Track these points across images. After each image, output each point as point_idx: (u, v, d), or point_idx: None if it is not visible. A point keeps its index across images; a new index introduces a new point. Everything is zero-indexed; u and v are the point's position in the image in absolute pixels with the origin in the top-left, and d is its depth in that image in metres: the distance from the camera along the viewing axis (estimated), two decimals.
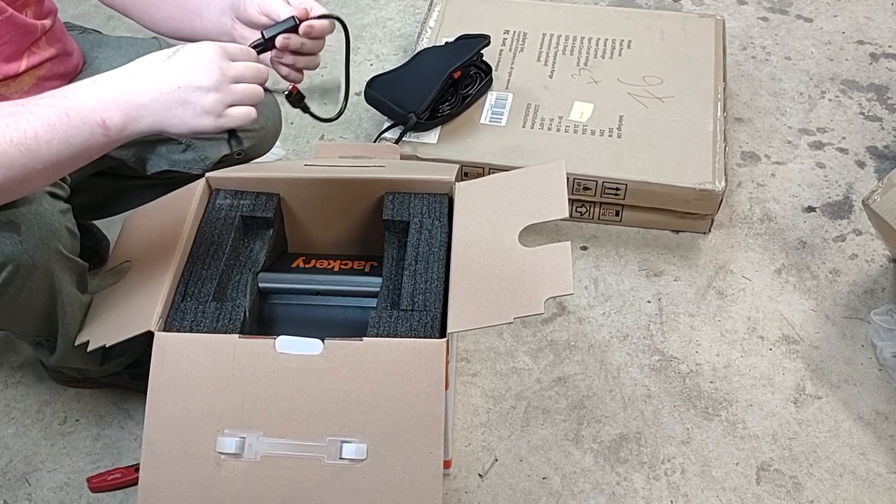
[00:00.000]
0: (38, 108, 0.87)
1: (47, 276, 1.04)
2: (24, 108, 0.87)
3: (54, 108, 0.87)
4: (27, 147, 0.86)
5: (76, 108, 0.88)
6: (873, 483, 1.25)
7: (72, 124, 0.87)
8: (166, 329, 1.02)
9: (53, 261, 1.03)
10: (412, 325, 1.01)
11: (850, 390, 1.35)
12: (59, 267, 1.04)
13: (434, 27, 1.82)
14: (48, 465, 1.27)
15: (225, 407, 0.96)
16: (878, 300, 1.47)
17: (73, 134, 0.88)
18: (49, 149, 0.87)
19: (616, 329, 1.44)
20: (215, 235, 1.13)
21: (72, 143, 0.88)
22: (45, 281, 1.04)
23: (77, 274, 1.10)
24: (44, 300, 1.07)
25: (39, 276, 1.03)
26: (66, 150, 0.88)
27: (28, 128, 0.86)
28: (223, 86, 0.91)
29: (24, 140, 0.85)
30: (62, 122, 0.87)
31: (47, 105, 0.88)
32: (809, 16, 2.06)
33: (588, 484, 1.24)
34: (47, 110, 0.87)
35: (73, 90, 0.89)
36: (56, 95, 0.89)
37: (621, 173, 1.52)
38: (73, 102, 0.88)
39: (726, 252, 1.56)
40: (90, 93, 0.89)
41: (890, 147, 1.74)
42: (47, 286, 1.05)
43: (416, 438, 0.95)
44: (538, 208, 1.07)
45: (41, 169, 0.88)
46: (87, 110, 0.88)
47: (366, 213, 1.21)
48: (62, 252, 1.04)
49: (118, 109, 0.89)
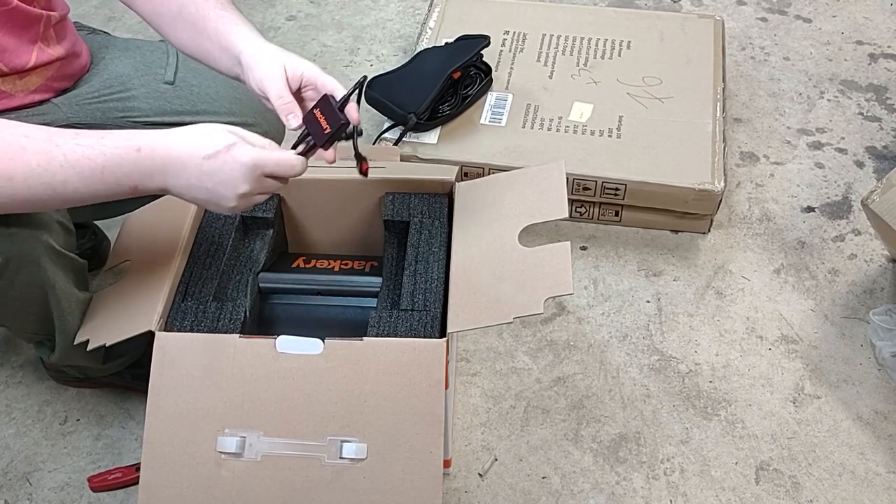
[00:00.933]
0: (73, 155, 0.88)
1: (38, 270, 1.04)
2: (59, 149, 0.88)
3: (90, 163, 0.89)
4: (54, 189, 0.88)
5: (112, 170, 0.90)
6: (872, 482, 1.25)
7: (105, 182, 0.90)
8: (167, 329, 1.02)
9: (44, 254, 1.03)
10: (412, 324, 1.01)
11: (849, 390, 1.36)
12: (49, 261, 1.05)
13: (434, 28, 1.82)
14: (49, 464, 1.28)
15: (225, 407, 0.96)
16: (877, 300, 1.47)
17: (102, 189, 0.91)
18: (74, 195, 0.90)
19: (615, 329, 1.44)
20: (216, 235, 1.13)
21: (98, 195, 0.91)
22: (36, 275, 1.04)
23: (73, 270, 1.10)
24: (37, 295, 1.07)
25: (31, 270, 1.03)
26: (90, 198, 0.91)
27: (59, 173, 0.88)
28: (248, 199, 0.95)
29: (54, 183, 0.88)
30: (95, 178, 0.89)
31: (83, 156, 0.89)
32: (808, 16, 2.06)
33: (587, 483, 1.25)
34: (83, 161, 0.88)
35: (113, 149, 0.90)
36: (94, 147, 0.89)
37: (621, 173, 1.53)
38: (110, 163, 0.89)
39: (725, 252, 1.56)
40: (131, 160, 0.90)
41: (889, 147, 1.74)
42: (39, 280, 1.05)
43: (416, 438, 0.96)
44: (538, 208, 1.07)
45: (59, 204, 0.92)
46: (124, 175, 0.90)
47: (366, 213, 1.21)
48: (53, 246, 1.04)
49: (152, 183, 0.92)
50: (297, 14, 2.07)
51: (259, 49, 1.03)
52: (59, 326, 1.12)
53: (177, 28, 1.10)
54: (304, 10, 2.09)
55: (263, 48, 1.04)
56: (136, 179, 0.91)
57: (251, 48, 1.04)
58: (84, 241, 1.48)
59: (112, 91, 1.23)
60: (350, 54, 1.97)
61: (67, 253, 1.08)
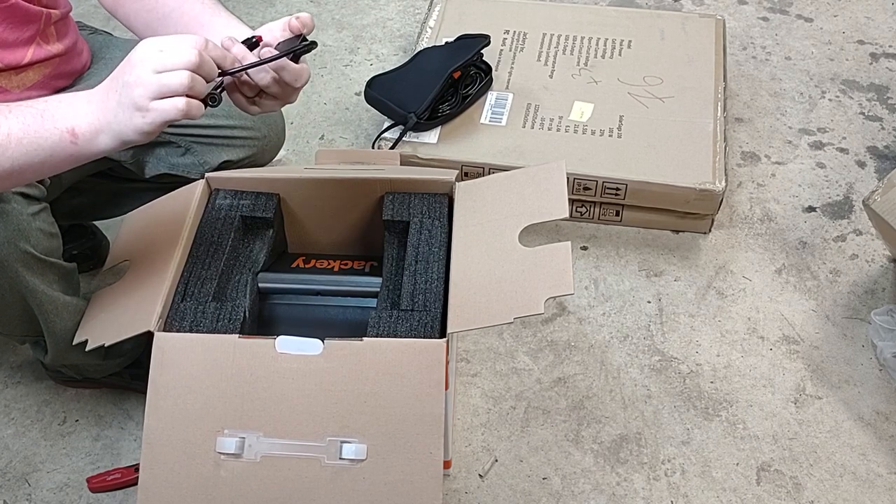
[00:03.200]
0: (18, 109, 0.90)
1: (15, 276, 1.04)
2: (6, 107, 0.90)
3: (32, 109, 0.90)
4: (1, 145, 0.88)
5: (51, 112, 0.90)
6: (874, 483, 1.24)
7: (44, 126, 0.89)
8: (166, 329, 1.02)
9: (19, 261, 1.03)
10: (412, 325, 1.01)
11: (850, 390, 1.35)
12: (25, 267, 1.04)
13: (434, 27, 1.82)
14: (48, 465, 1.27)
15: (225, 407, 0.96)
16: (879, 300, 1.47)
17: (43, 136, 0.89)
18: (18, 147, 0.89)
19: (616, 329, 1.44)
20: (215, 235, 1.13)
21: (41, 146, 0.89)
22: (13, 281, 1.04)
23: (58, 275, 1.09)
24: (16, 300, 1.07)
25: (8, 276, 1.03)
26: (33, 152, 0.89)
27: (3, 123, 0.89)
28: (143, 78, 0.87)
29: None
30: (35, 123, 0.89)
31: (27, 105, 0.90)
32: (810, 16, 2.06)
33: (588, 484, 1.24)
34: (25, 110, 0.90)
35: (56, 98, 0.91)
36: (38, 100, 0.91)
37: (621, 173, 1.52)
38: (50, 107, 0.90)
39: (726, 252, 1.55)
40: (68, 101, 0.91)
41: (890, 147, 1.74)
42: (16, 286, 1.05)
43: (416, 438, 0.95)
44: (538, 208, 1.07)
45: (7, 169, 0.90)
46: (61, 115, 0.89)
47: (366, 213, 1.21)
48: (31, 253, 1.04)
49: (86, 118, 0.89)
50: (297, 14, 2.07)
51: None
52: (45, 330, 1.12)
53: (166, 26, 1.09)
54: (304, 9, 2.08)
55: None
56: (72, 119, 0.89)
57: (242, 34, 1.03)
58: (83, 241, 1.48)
59: None
60: (350, 54, 1.97)
61: (49, 259, 1.07)
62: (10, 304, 1.07)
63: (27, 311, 1.09)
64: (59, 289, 1.10)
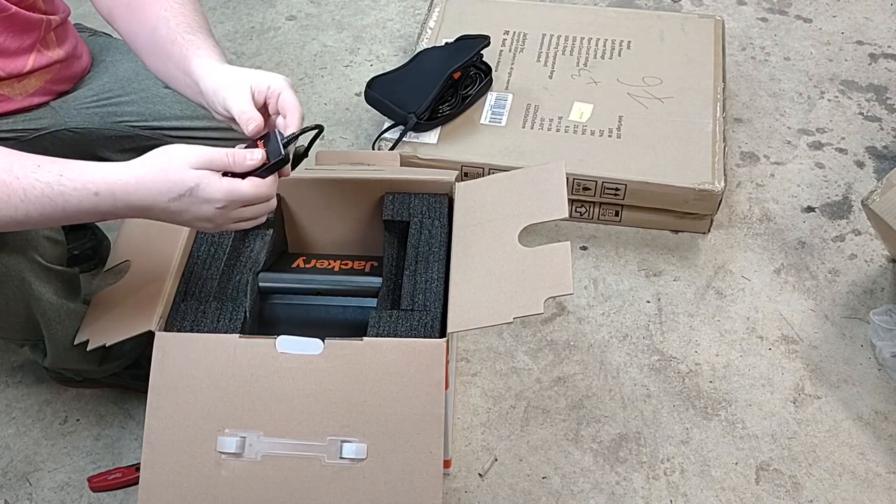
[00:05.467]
0: (33, 193, 0.87)
1: (22, 285, 1.04)
2: (19, 183, 0.86)
3: (50, 202, 0.87)
4: (18, 221, 0.88)
5: (73, 209, 0.88)
6: (872, 483, 1.25)
7: (68, 217, 0.89)
8: (167, 329, 1.02)
9: (28, 270, 1.03)
10: (412, 324, 1.01)
11: (849, 390, 1.36)
12: (34, 276, 1.05)
13: (434, 27, 1.82)
14: (49, 464, 1.28)
15: (225, 407, 0.96)
16: (878, 300, 1.47)
17: (67, 221, 0.91)
18: (38, 224, 0.90)
19: (615, 329, 1.44)
20: (216, 235, 1.13)
21: (62, 222, 0.93)
22: (20, 289, 1.04)
23: (62, 282, 1.10)
24: (21, 307, 1.07)
25: (14, 285, 1.03)
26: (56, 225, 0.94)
27: (21, 207, 0.87)
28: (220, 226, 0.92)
29: (17, 216, 0.87)
30: (57, 215, 0.88)
31: (43, 194, 0.87)
32: (809, 16, 2.06)
33: (588, 483, 1.25)
34: (43, 200, 0.87)
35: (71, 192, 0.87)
36: (53, 186, 0.87)
37: (621, 173, 1.53)
38: (70, 204, 0.87)
39: (725, 252, 1.56)
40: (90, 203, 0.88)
41: (889, 147, 1.74)
42: (23, 294, 1.05)
43: (416, 438, 0.95)
44: (538, 208, 1.07)
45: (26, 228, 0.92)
46: (86, 214, 0.89)
47: (366, 213, 1.21)
48: (39, 261, 1.04)
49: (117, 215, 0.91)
50: (297, 14, 2.07)
51: (220, 72, 0.98)
52: (47, 335, 1.12)
53: (148, 51, 1.06)
54: (305, 10, 2.09)
55: (224, 71, 0.98)
56: (101, 216, 0.90)
57: (212, 73, 0.98)
58: (84, 241, 1.48)
59: (111, 95, 1.23)
60: (350, 54, 1.97)
61: (55, 266, 1.08)
62: (14, 311, 1.07)
63: (30, 317, 1.09)
64: (63, 295, 1.10)
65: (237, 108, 0.95)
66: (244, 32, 2.00)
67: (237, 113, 0.95)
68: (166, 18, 1.03)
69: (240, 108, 0.95)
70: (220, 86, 0.96)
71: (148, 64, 1.08)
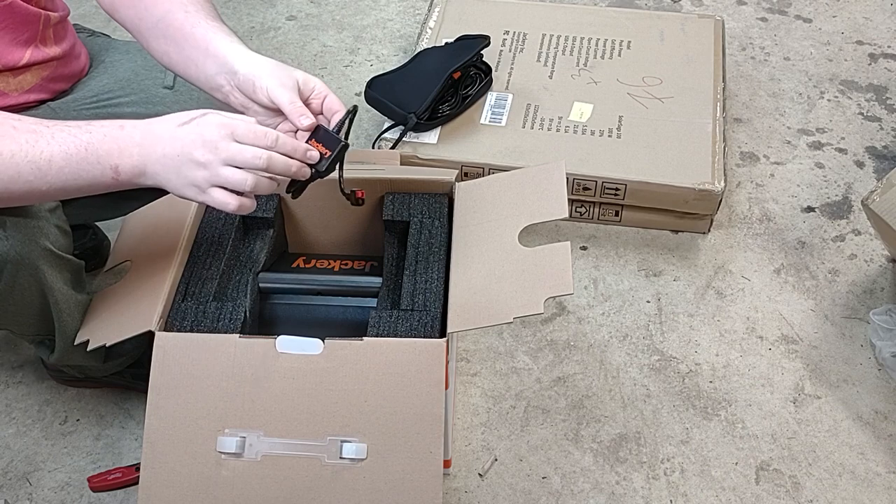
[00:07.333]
0: (61, 134, 0.90)
1: (36, 273, 1.04)
2: (48, 129, 0.91)
3: (75, 140, 0.90)
4: (38, 167, 0.89)
5: (96, 146, 0.91)
6: (872, 482, 1.25)
7: (87, 160, 0.91)
8: (167, 329, 1.02)
9: (41, 258, 1.04)
10: (412, 324, 1.01)
11: (849, 390, 1.36)
12: (47, 264, 1.05)
13: (434, 27, 1.82)
14: (49, 464, 1.28)
15: (225, 406, 0.97)
16: (877, 300, 1.47)
17: (85, 168, 0.91)
18: (58, 175, 0.91)
19: (615, 329, 1.44)
20: (216, 235, 1.13)
21: (81, 176, 0.91)
22: (34, 277, 1.04)
23: (71, 272, 1.10)
24: (36, 297, 1.07)
25: (28, 273, 1.03)
26: (72, 181, 0.91)
27: (46, 149, 0.89)
28: (212, 165, 0.91)
29: (38, 160, 0.89)
30: (79, 155, 0.90)
31: (70, 134, 0.91)
32: (808, 16, 2.06)
33: (587, 483, 1.25)
34: (69, 139, 0.90)
35: (99, 129, 0.92)
36: (81, 126, 0.92)
37: (621, 173, 1.53)
38: (95, 139, 0.91)
39: (725, 252, 1.56)
40: (113, 136, 0.91)
41: (889, 147, 1.74)
42: (37, 283, 1.05)
43: (416, 438, 0.96)
44: (538, 208, 1.07)
45: (44, 190, 0.92)
46: (105, 152, 0.91)
47: (366, 213, 1.21)
48: (50, 249, 1.04)
49: (131, 160, 0.92)
50: (297, 14, 2.07)
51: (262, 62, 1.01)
52: (58, 328, 1.12)
53: (157, 34, 1.07)
54: (305, 10, 2.09)
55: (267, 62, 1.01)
56: (117, 157, 0.91)
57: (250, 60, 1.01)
58: (84, 241, 1.48)
59: (110, 96, 1.23)
60: (350, 54, 1.97)
61: (65, 255, 1.08)
62: (29, 303, 1.07)
63: (45, 309, 1.09)
64: (72, 285, 1.10)
65: (287, 99, 0.98)
66: (244, 32, 2.00)
67: (287, 104, 0.98)
68: (184, 4, 1.06)
69: (290, 101, 0.98)
70: (263, 74, 0.99)
71: (153, 48, 1.10)
